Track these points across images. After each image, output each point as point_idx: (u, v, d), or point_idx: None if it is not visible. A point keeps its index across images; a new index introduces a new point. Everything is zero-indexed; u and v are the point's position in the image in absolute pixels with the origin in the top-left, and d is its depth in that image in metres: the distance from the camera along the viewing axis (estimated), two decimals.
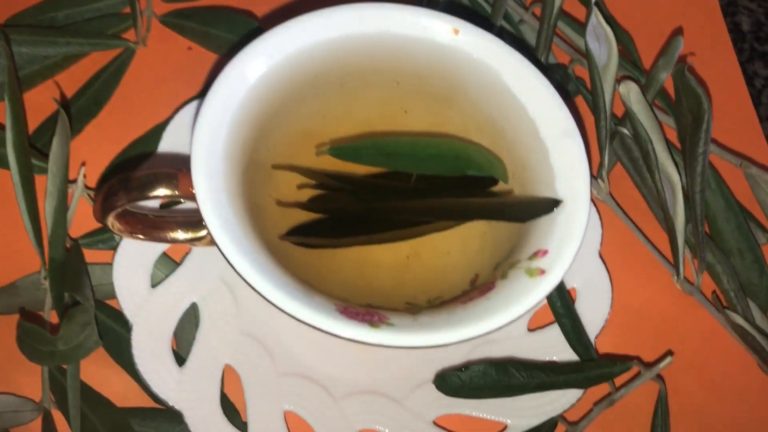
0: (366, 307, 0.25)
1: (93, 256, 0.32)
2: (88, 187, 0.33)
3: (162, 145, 0.33)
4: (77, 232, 0.33)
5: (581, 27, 0.38)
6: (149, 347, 0.30)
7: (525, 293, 0.24)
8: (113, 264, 0.31)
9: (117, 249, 0.31)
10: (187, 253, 0.32)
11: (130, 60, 0.36)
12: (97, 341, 0.29)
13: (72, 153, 0.34)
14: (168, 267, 0.32)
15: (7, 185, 0.31)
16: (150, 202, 0.32)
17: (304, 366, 0.31)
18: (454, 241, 0.29)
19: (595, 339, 0.32)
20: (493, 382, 0.30)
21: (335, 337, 0.24)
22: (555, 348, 0.32)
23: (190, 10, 0.37)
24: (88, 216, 0.31)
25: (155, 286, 0.32)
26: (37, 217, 0.31)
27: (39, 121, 0.35)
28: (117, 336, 0.31)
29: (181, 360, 0.31)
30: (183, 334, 0.31)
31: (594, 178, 0.35)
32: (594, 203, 0.34)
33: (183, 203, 0.32)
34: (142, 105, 0.36)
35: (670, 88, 0.36)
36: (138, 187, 0.26)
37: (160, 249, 0.32)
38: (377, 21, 0.28)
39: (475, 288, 0.27)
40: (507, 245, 0.27)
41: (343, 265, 0.29)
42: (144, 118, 0.35)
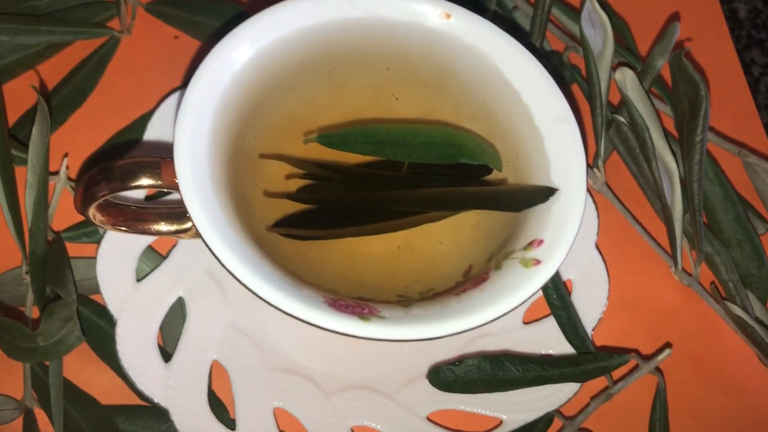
0: (356, 300, 0.25)
1: (77, 249, 0.32)
2: (71, 179, 0.32)
3: (147, 135, 0.33)
4: (61, 225, 0.32)
5: (576, 13, 0.37)
6: (134, 343, 0.30)
7: (520, 284, 0.24)
8: (97, 257, 0.31)
9: (101, 242, 0.31)
10: (174, 246, 0.32)
11: (114, 49, 0.36)
12: (80, 337, 0.28)
13: (55, 144, 0.33)
14: (154, 260, 0.31)
15: None
16: (135, 193, 0.32)
17: (294, 361, 0.30)
18: (446, 232, 0.28)
19: (592, 331, 0.32)
20: (488, 376, 0.29)
21: (325, 331, 0.23)
22: (551, 341, 0.31)
23: None
24: (71, 209, 0.30)
25: (141, 280, 0.31)
26: (18, 210, 0.30)
27: (21, 112, 0.34)
28: (101, 331, 0.30)
29: (168, 356, 0.30)
30: (169, 329, 0.31)
31: (590, 167, 0.34)
32: (590, 193, 0.33)
33: (169, 195, 0.32)
34: (127, 95, 0.35)
35: (667, 75, 0.36)
36: (120, 177, 0.25)
37: (145, 242, 0.31)
38: (366, 5, 0.27)
39: (469, 279, 0.26)
40: (501, 235, 0.27)
41: (333, 257, 0.28)
42: (129, 108, 0.34)
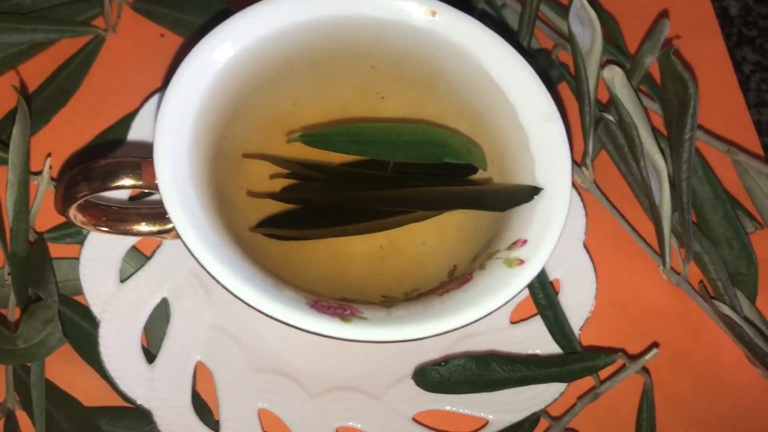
0: (340, 301, 0.24)
1: (61, 250, 0.31)
2: (54, 179, 0.32)
3: (131, 135, 0.32)
4: (45, 225, 0.32)
5: (565, 10, 0.37)
6: (118, 344, 0.29)
7: (503, 285, 0.24)
8: (80, 258, 0.30)
9: (84, 243, 0.30)
10: (158, 247, 0.31)
11: (99, 48, 0.35)
12: (61, 338, 0.28)
13: (39, 144, 0.33)
14: (138, 261, 0.31)
15: None
16: (118, 193, 0.31)
17: (278, 362, 0.30)
18: (430, 231, 0.28)
19: (579, 331, 0.31)
20: (474, 376, 0.29)
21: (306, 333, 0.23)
22: (538, 341, 0.31)
23: None
24: (54, 209, 0.30)
25: (124, 280, 0.31)
26: None
27: (4, 112, 0.33)
28: (84, 333, 0.30)
29: (152, 357, 0.30)
30: (153, 330, 0.30)
31: (578, 166, 0.34)
32: (578, 192, 0.33)
33: (152, 195, 0.31)
34: (112, 94, 0.35)
35: (656, 73, 0.35)
36: (100, 177, 0.25)
37: (129, 242, 0.31)
38: (350, 3, 0.27)
39: (453, 279, 0.26)
40: (486, 235, 0.26)
41: (315, 257, 0.28)
42: (114, 107, 0.34)
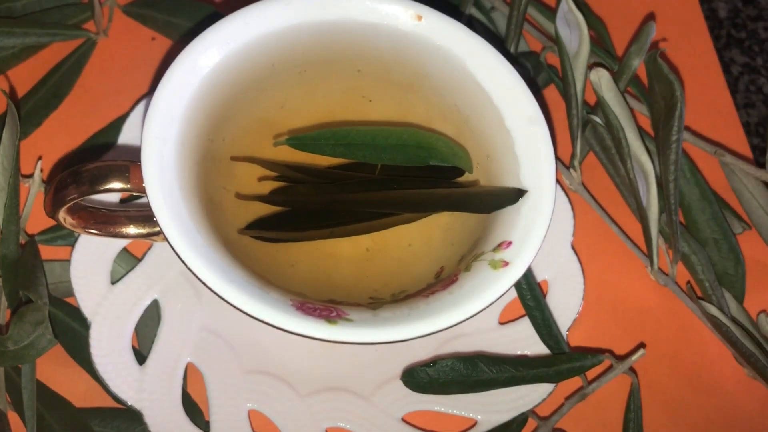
0: (327, 303, 0.24)
1: (52, 252, 0.32)
2: (45, 182, 0.32)
3: (122, 138, 0.33)
4: (36, 228, 0.32)
5: (553, 13, 0.37)
6: (109, 346, 0.30)
7: (487, 286, 0.24)
8: (71, 260, 0.30)
9: (75, 245, 0.31)
10: (149, 249, 0.31)
11: (91, 51, 0.36)
12: (52, 340, 0.28)
13: (30, 147, 0.33)
14: (128, 263, 0.31)
15: None
16: (109, 196, 0.32)
17: (268, 363, 0.30)
18: (417, 234, 0.28)
19: (567, 332, 0.32)
20: (462, 377, 0.29)
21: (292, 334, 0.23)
22: (526, 341, 0.31)
23: None
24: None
25: (115, 282, 0.31)
26: None
27: None
28: (76, 334, 0.30)
29: (142, 358, 0.30)
30: (144, 331, 0.31)
31: (566, 167, 0.34)
32: (566, 193, 0.33)
33: (142, 198, 0.32)
34: (103, 97, 0.35)
35: (643, 75, 0.36)
36: (89, 181, 0.25)
37: (120, 245, 0.31)
38: (337, 7, 0.27)
39: (439, 281, 0.26)
40: (472, 237, 0.27)
41: (302, 259, 0.28)
42: (105, 110, 0.34)
